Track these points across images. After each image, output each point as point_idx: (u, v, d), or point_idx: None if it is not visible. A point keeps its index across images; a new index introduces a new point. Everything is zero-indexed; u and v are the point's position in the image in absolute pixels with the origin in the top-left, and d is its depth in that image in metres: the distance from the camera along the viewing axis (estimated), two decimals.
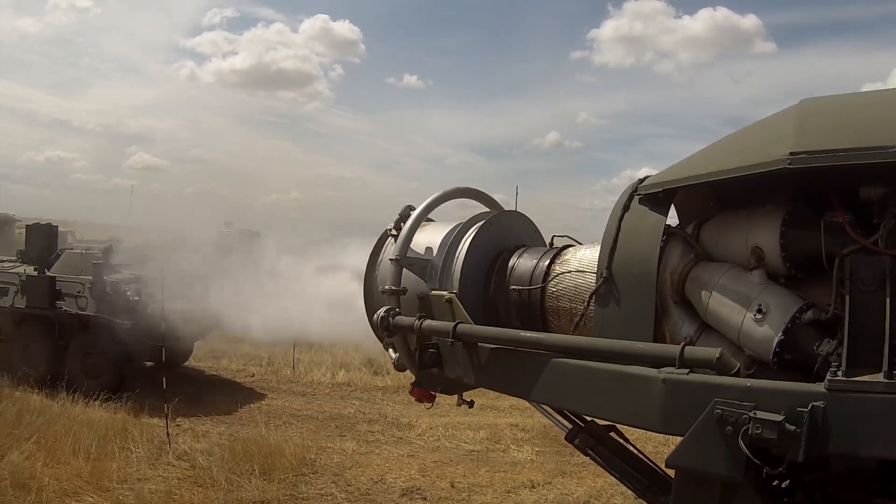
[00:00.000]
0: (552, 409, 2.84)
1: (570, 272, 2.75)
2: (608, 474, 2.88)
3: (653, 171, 2.63)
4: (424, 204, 3.21)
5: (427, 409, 3.94)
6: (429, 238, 3.15)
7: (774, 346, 2.05)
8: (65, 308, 10.12)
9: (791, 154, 1.95)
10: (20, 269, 11.02)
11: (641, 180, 2.52)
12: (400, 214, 3.24)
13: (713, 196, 2.51)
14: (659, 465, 2.63)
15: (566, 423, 2.88)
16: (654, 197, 2.39)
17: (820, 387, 1.79)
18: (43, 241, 12.28)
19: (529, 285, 2.82)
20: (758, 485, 1.90)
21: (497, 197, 3.63)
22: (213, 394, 10.54)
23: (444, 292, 2.84)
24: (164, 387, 8.21)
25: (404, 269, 3.02)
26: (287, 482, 6.86)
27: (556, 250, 2.95)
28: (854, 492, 2.10)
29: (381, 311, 2.98)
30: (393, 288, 2.99)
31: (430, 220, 3.36)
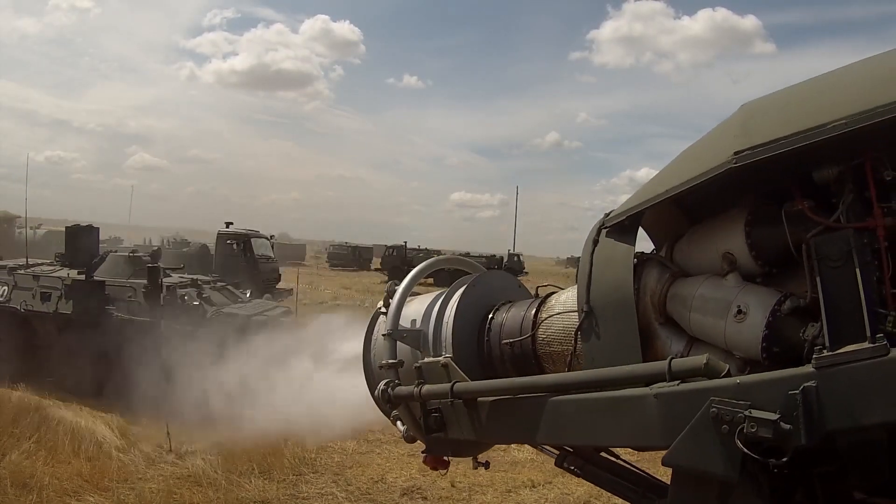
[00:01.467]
0: (557, 448, 2.90)
1: (554, 315, 2.82)
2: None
3: (653, 171, 2.70)
4: (407, 279, 3.34)
5: (442, 475, 4.10)
6: (418, 309, 3.27)
7: (760, 341, 2.09)
8: (116, 314, 9.72)
9: (735, 154, 2.03)
10: (63, 274, 10.66)
11: (607, 214, 2.59)
12: (387, 291, 3.38)
13: (681, 214, 2.59)
14: (649, 472, 2.72)
15: (553, 450, 2.95)
16: (619, 226, 2.47)
17: (809, 368, 1.81)
18: (84, 243, 11.93)
19: (520, 336, 2.89)
20: (756, 483, 1.92)
21: (497, 197, 3.76)
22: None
23: (439, 358, 2.91)
24: (164, 385, 8.22)
25: (398, 343, 3.14)
26: (287, 482, 6.87)
27: (540, 299, 3.03)
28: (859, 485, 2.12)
29: (381, 385, 3.07)
30: (389, 361, 3.09)
31: (418, 294, 3.50)
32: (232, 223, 22.41)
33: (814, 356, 1.83)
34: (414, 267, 3.63)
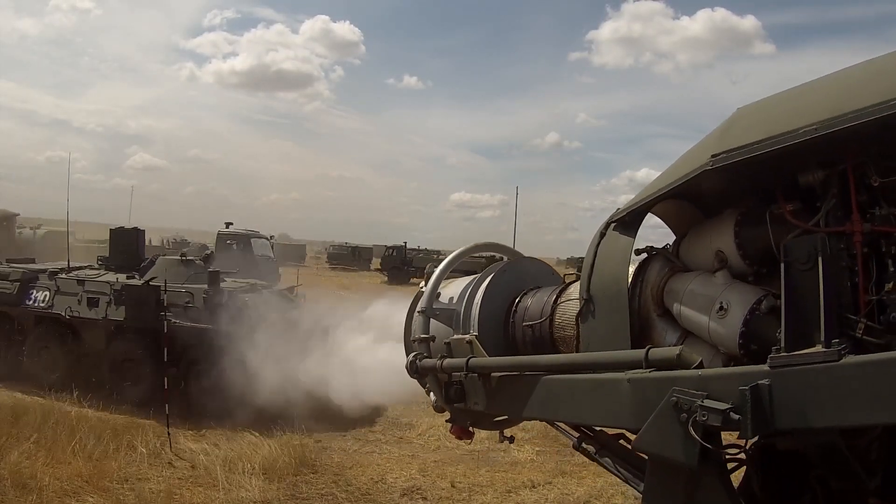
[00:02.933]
0: (549, 423, 3.09)
1: (570, 301, 2.95)
2: (609, 474, 2.99)
3: (652, 171, 2.79)
4: (445, 261, 3.62)
5: (467, 444, 4.42)
6: (456, 289, 3.52)
7: (738, 338, 2.16)
8: (174, 320, 9.11)
9: (712, 157, 2.11)
10: (110, 278, 10.18)
11: (618, 210, 2.69)
12: (425, 272, 3.61)
13: (695, 209, 2.65)
14: None
15: (573, 432, 3.08)
16: (622, 221, 2.58)
17: (764, 367, 1.85)
18: (129, 246, 11.51)
19: (539, 320, 3.06)
20: (719, 470, 1.98)
21: (497, 197, 3.82)
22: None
23: (466, 335, 3.14)
24: (165, 387, 8.22)
25: (432, 319, 3.40)
26: (287, 482, 6.86)
27: (563, 286, 3.16)
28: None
29: (410, 357, 3.40)
30: (421, 336, 3.39)
31: (459, 275, 3.74)
32: (232, 223, 22.44)
33: (769, 356, 1.87)
34: (413, 267, 3.77)
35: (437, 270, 3.55)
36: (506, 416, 3.29)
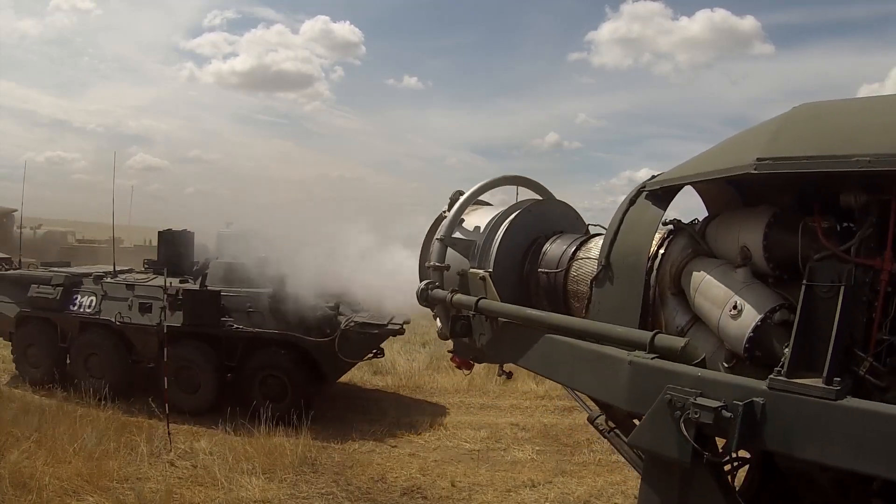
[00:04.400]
0: (547, 379, 3.11)
1: (589, 258, 2.90)
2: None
3: (652, 171, 2.73)
4: (472, 189, 3.48)
5: (465, 375, 4.87)
6: (479, 220, 3.40)
7: (745, 342, 2.14)
8: (236, 326, 8.86)
9: (757, 160, 2.05)
10: (162, 282, 9.52)
11: (653, 177, 2.62)
12: (450, 198, 3.52)
13: (733, 192, 2.56)
14: None
15: (591, 406, 3.17)
16: (655, 193, 2.51)
17: (763, 384, 1.85)
18: (178, 249, 11.15)
19: (556, 269, 3.02)
20: (713, 467, 1.98)
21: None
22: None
23: (481, 271, 3.09)
24: (165, 386, 8.21)
25: (449, 248, 3.33)
26: (288, 481, 6.86)
27: (584, 237, 3.09)
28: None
29: (422, 285, 3.34)
30: (436, 264, 3.32)
31: (487, 204, 3.60)
32: (232, 223, 22.37)
33: (770, 376, 1.87)
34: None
35: (462, 199, 3.46)
36: (499, 360, 3.29)
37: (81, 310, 9.80)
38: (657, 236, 2.54)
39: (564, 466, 7.78)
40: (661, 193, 2.49)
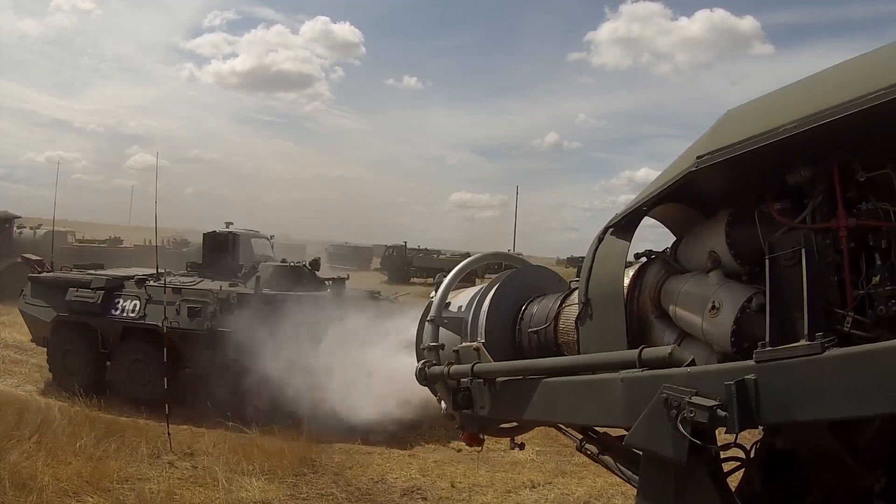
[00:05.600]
0: (553, 425, 3.18)
1: (571, 305, 2.97)
2: (609, 474, 3.02)
3: (652, 171, 2.82)
4: (454, 271, 3.67)
5: (477, 452, 4.41)
6: (464, 299, 3.57)
7: (730, 336, 2.17)
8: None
9: (697, 157, 2.15)
10: (211, 286, 9.50)
11: (616, 215, 2.71)
12: (435, 281, 3.71)
13: (695, 211, 2.66)
14: None
15: (577, 434, 3.13)
16: (619, 225, 2.61)
17: (750, 362, 1.87)
18: (224, 251, 10.93)
19: (544, 325, 3.10)
20: (710, 466, 2.00)
21: (497, 197, 3.84)
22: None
23: (474, 343, 3.19)
24: (165, 386, 8.21)
25: (441, 328, 3.47)
26: (288, 482, 6.86)
27: (567, 292, 3.18)
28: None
29: (419, 365, 3.45)
30: (431, 344, 3.45)
31: (470, 285, 3.79)
32: (232, 223, 22.40)
33: (755, 350, 1.89)
34: (413, 267, 3.79)
35: (447, 280, 3.60)
36: (513, 423, 3.34)
37: (124, 314, 9.45)
38: (632, 270, 2.64)
39: (564, 467, 7.79)
40: (625, 224, 2.58)
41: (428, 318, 3.52)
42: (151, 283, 9.70)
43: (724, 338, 2.20)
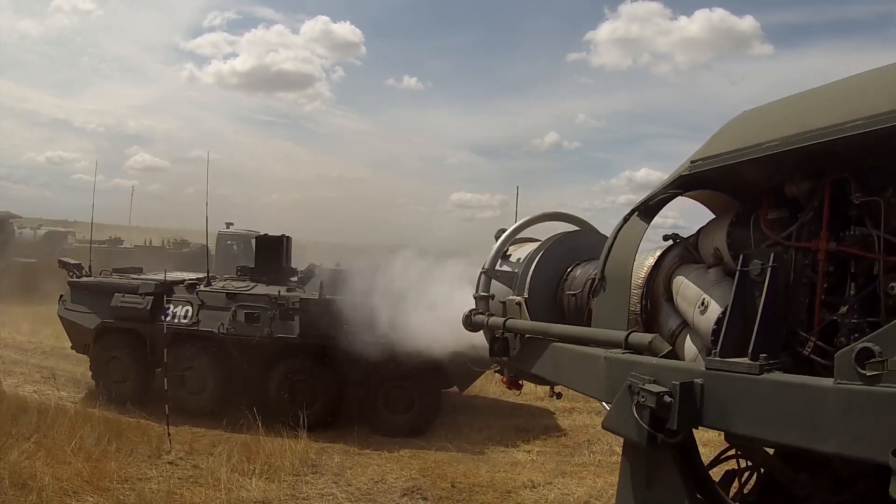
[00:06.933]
0: (554, 384, 3.49)
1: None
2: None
3: (652, 171, 2.86)
4: (512, 227, 3.88)
5: (516, 395, 4.90)
6: (522, 253, 3.76)
7: (710, 335, 2.24)
8: (352, 337, 8.31)
9: (691, 162, 2.25)
10: (269, 291, 9.17)
11: (643, 199, 2.78)
12: (495, 235, 3.90)
13: (727, 200, 2.65)
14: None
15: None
16: (642, 210, 2.71)
17: (701, 367, 1.97)
18: (276, 255, 10.56)
19: (580, 290, 3.27)
20: (673, 449, 2.07)
21: (497, 197, 3.92)
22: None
23: (517, 297, 3.44)
24: (165, 387, 8.22)
25: (494, 280, 3.71)
26: (288, 482, 6.86)
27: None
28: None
29: (466, 312, 3.77)
30: (481, 294, 3.74)
31: (534, 240, 3.96)
32: (232, 223, 22.41)
33: (707, 357, 1.99)
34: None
35: (504, 236, 3.84)
36: (528, 371, 3.51)
37: (176, 320, 9.11)
38: (658, 251, 2.73)
39: (564, 467, 7.79)
40: (646, 210, 2.68)
41: (482, 269, 3.77)
42: (202, 288, 9.44)
43: (706, 335, 2.26)
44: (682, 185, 2.41)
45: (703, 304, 2.29)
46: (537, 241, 3.93)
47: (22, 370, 11.29)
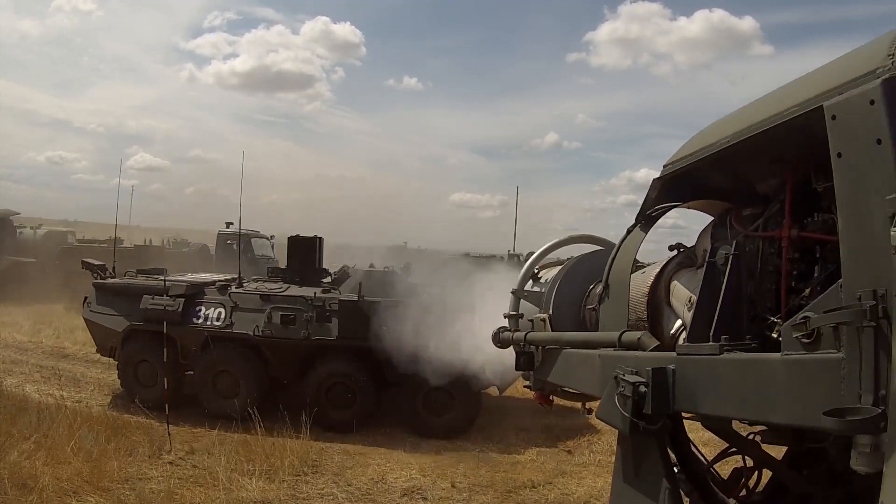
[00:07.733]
0: (563, 389, 3.58)
1: None
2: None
3: (652, 172, 2.98)
4: (540, 250, 4.11)
5: (547, 410, 5.16)
6: (550, 275, 3.95)
7: None
8: (389, 338, 8.19)
9: (663, 167, 2.43)
10: (304, 292, 9.03)
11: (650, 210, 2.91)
12: (523, 259, 4.17)
13: (721, 206, 2.74)
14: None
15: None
16: (642, 221, 2.84)
17: (673, 354, 2.08)
18: (308, 256, 10.40)
19: (597, 304, 3.39)
20: (656, 437, 2.19)
21: (497, 197, 4.00)
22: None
23: (543, 314, 3.62)
24: (165, 387, 8.21)
25: (522, 300, 3.93)
26: (288, 482, 6.86)
27: None
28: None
29: (495, 329, 3.96)
30: (511, 313, 3.95)
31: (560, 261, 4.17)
32: (232, 223, 22.39)
33: (677, 344, 2.13)
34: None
35: (532, 259, 4.10)
36: (549, 381, 3.62)
37: (209, 323, 8.94)
38: (665, 260, 2.84)
39: (564, 467, 7.79)
40: (646, 221, 2.83)
41: (512, 289, 3.99)
42: (234, 289, 9.25)
43: None
44: (670, 191, 2.55)
45: (689, 301, 2.39)
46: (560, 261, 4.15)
47: (22, 370, 11.28)
